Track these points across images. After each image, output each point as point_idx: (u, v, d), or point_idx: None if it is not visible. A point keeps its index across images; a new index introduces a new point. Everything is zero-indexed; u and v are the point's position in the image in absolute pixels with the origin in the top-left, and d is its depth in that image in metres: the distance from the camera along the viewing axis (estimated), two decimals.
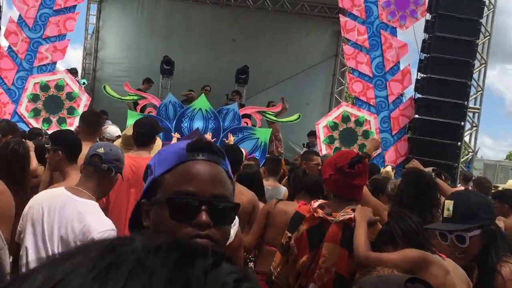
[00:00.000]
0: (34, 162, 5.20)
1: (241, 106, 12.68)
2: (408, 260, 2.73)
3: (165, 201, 1.30)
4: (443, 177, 5.56)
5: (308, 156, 6.55)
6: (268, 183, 6.29)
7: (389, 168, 7.80)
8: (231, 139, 10.01)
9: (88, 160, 3.08)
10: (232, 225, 2.61)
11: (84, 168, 3.11)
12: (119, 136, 5.77)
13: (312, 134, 12.99)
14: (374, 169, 6.68)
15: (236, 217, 2.77)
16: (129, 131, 5.19)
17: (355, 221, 3.02)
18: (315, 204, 3.24)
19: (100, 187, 3.06)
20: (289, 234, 3.28)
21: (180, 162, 1.34)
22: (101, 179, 3.05)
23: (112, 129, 5.93)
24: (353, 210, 3.09)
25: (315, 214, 3.17)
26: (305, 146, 13.38)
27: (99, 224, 2.81)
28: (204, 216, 1.27)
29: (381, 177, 5.85)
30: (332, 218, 3.10)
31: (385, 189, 4.89)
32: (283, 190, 6.25)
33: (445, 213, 2.70)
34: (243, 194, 4.40)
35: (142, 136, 4.52)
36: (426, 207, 3.63)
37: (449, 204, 2.69)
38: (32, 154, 5.20)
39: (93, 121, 5.05)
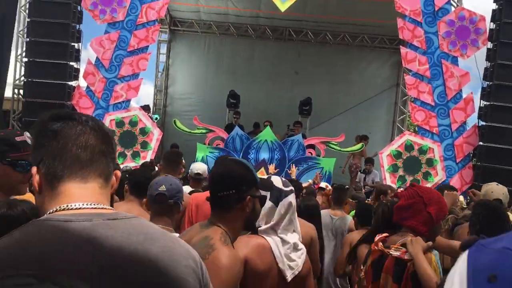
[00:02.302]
0: None
1: (303, 136, 12.99)
2: None
3: None
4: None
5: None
6: (334, 213, 6.30)
7: (461, 198, 7.66)
8: (294, 170, 10.25)
9: (153, 199, 3.24)
10: (300, 254, 2.91)
11: (154, 208, 3.28)
12: (198, 174, 5.89)
13: (369, 161, 13.07)
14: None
15: (303, 246, 3.04)
16: None
17: (407, 255, 3.10)
18: (378, 237, 3.42)
19: (173, 219, 3.32)
20: (362, 267, 3.51)
21: None
22: (171, 213, 3.27)
23: (195, 166, 6.05)
24: (404, 246, 3.17)
25: (376, 247, 3.35)
26: (361, 172, 13.47)
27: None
28: None
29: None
30: (389, 251, 3.24)
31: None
32: (349, 219, 6.19)
33: None
34: (302, 227, 4.49)
35: None
36: None
37: None
38: None
39: (173, 161, 5.34)
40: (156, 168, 6.76)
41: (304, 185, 7.25)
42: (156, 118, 15.16)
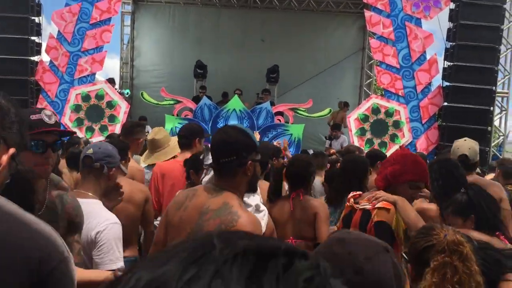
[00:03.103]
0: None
1: (272, 104, 13.01)
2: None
3: None
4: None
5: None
6: (317, 179, 6.08)
7: None
8: (257, 136, 10.25)
9: (82, 164, 3.21)
10: (263, 215, 2.96)
11: (81, 172, 3.26)
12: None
13: (336, 127, 13.17)
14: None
15: (265, 208, 3.09)
16: (150, 135, 5.46)
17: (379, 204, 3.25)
18: (351, 194, 3.61)
19: (100, 185, 3.22)
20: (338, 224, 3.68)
21: None
22: (97, 178, 3.18)
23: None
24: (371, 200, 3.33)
25: (348, 204, 3.55)
26: (327, 138, 13.58)
27: (99, 219, 2.98)
28: None
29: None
30: (358, 206, 3.42)
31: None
32: None
33: None
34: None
35: (181, 139, 4.87)
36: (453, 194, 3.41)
37: None
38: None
39: (128, 131, 5.24)
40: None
41: None
42: (128, 93, 15.02)
